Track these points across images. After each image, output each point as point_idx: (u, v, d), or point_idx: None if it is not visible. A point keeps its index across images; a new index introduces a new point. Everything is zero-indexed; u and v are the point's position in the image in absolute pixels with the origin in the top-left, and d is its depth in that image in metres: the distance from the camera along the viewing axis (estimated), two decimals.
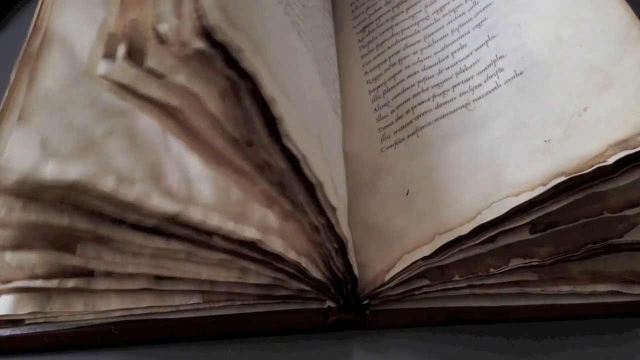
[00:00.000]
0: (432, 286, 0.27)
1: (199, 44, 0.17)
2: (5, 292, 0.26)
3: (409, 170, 0.30)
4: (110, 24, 0.18)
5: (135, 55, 0.18)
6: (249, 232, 0.24)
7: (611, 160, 0.22)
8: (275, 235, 0.25)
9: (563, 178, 0.23)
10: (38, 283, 0.25)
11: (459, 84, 0.32)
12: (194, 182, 0.24)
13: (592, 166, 0.23)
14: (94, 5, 0.29)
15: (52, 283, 0.25)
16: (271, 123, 0.20)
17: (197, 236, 0.24)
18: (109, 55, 0.17)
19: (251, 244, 0.24)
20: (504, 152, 0.26)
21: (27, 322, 0.27)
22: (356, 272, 0.26)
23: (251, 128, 0.20)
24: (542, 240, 0.26)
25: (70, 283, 0.26)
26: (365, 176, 0.31)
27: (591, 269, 0.28)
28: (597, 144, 0.23)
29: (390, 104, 0.33)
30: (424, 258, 0.26)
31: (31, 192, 0.21)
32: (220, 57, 0.18)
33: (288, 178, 0.22)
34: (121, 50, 0.17)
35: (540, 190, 0.23)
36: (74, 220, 0.22)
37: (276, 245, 0.24)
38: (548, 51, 0.29)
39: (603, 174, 0.23)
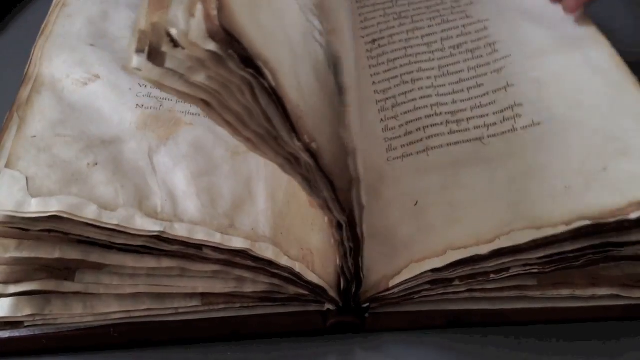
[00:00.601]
0: (432, 290, 0.27)
1: (211, 45, 0.17)
2: None
3: (419, 184, 0.30)
4: (141, 22, 0.18)
5: (158, 54, 0.18)
6: (236, 243, 0.25)
7: (633, 216, 0.24)
8: (267, 242, 0.25)
9: (587, 222, 0.25)
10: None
11: (473, 117, 0.32)
12: (180, 200, 0.26)
13: (615, 217, 0.25)
14: (83, 46, 0.32)
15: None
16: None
17: (187, 250, 0.25)
18: (141, 50, 0.18)
19: (243, 252, 0.25)
20: (522, 188, 0.27)
21: (26, 324, 0.27)
22: (363, 274, 0.26)
23: (272, 124, 0.20)
24: None
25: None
26: (368, 180, 0.31)
27: (591, 273, 0.28)
28: (618, 199, 0.25)
29: (399, 118, 0.33)
30: (434, 270, 0.26)
31: (20, 225, 0.23)
32: (235, 57, 0.18)
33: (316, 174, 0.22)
34: (145, 50, 0.18)
35: (563, 229, 0.25)
36: (64, 252, 0.24)
37: (267, 252, 0.25)
38: (567, 111, 0.30)
39: (624, 227, 0.25)
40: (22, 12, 0.46)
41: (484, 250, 0.26)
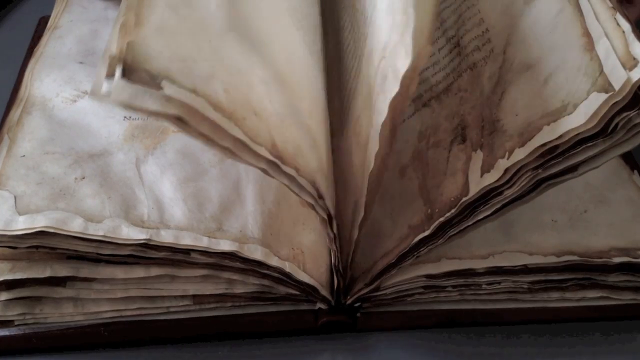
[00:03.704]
0: (425, 294, 0.27)
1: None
2: None
3: None
4: (112, 48, 0.18)
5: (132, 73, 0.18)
6: (224, 245, 0.25)
7: (616, 261, 0.27)
8: (256, 243, 0.26)
9: (576, 258, 0.27)
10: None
11: None
12: (166, 207, 0.26)
13: (601, 258, 0.27)
14: (72, 64, 0.32)
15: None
16: None
17: (175, 256, 0.25)
18: (111, 75, 0.18)
19: (231, 255, 0.25)
20: (514, 212, 0.27)
21: (16, 323, 0.27)
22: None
23: None
24: None
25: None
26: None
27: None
28: (601, 242, 0.28)
29: None
30: (428, 276, 0.26)
31: (8, 243, 0.24)
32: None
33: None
34: (119, 70, 0.18)
35: (553, 259, 0.27)
36: (55, 270, 0.25)
37: (257, 253, 0.25)
38: None
39: (606, 269, 0.27)
40: (18, 8, 0.45)
41: (478, 265, 0.26)
